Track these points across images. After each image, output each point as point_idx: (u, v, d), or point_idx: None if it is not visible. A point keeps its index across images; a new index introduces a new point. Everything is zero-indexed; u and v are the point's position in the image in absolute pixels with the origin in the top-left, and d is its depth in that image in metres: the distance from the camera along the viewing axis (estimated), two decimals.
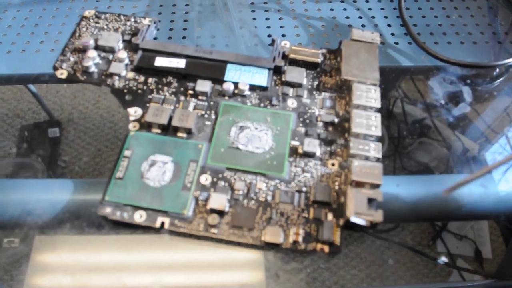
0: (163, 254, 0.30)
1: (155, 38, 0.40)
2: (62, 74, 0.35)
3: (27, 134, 0.37)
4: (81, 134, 0.37)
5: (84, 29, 0.37)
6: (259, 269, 0.29)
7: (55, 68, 0.35)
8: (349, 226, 0.29)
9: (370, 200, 0.29)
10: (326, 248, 0.29)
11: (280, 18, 0.43)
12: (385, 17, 0.44)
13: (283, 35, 0.42)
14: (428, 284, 0.31)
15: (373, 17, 0.44)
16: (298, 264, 0.29)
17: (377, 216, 0.28)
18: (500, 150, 0.37)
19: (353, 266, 0.30)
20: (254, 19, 0.43)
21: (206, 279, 0.29)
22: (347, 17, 0.44)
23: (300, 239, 0.29)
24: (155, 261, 0.30)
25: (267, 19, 0.43)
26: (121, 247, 0.30)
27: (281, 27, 0.42)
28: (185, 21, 0.43)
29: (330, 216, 0.29)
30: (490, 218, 0.35)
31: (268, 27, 0.42)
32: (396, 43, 0.41)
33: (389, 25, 0.43)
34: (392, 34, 0.42)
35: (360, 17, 0.44)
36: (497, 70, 0.40)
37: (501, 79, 0.40)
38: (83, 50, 0.36)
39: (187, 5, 0.44)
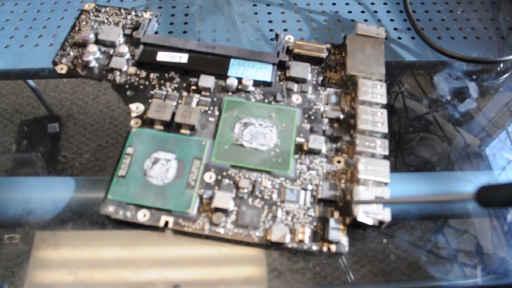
0: (166, 250, 0.30)
1: (155, 33, 0.39)
2: (62, 69, 0.34)
3: (27, 129, 0.36)
4: (81, 129, 0.36)
5: (84, 23, 0.37)
6: (260, 266, 0.29)
7: (55, 63, 0.34)
8: (356, 225, 0.29)
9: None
10: (333, 248, 0.28)
11: (282, 13, 0.43)
12: (388, 11, 0.43)
13: (285, 30, 0.41)
14: (429, 279, 0.31)
15: (375, 12, 0.43)
16: (300, 260, 0.29)
17: (385, 215, 0.28)
18: (500, 145, 0.37)
19: (355, 262, 0.30)
20: (256, 13, 0.43)
21: (208, 275, 0.29)
22: (350, 12, 0.43)
23: (306, 238, 0.28)
24: (158, 256, 0.29)
25: (269, 13, 0.43)
26: (123, 243, 0.30)
27: (283, 21, 0.42)
28: (186, 15, 0.42)
29: (336, 215, 0.29)
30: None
31: (270, 21, 0.42)
32: (399, 37, 0.41)
33: (391, 20, 0.43)
34: (395, 29, 0.42)
35: (363, 12, 0.43)
36: (501, 65, 0.40)
37: (506, 75, 0.40)
38: (83, 45, 0.35)
39: None
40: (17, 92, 0.39)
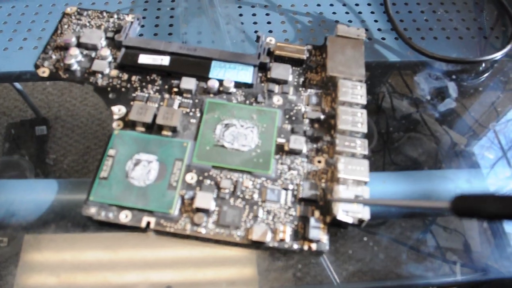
0: (148, 250, 0.30)
1: (140, 35, 0.39)
2: (44, 72, 0.34)
3: (14, 132, 0.36)
4: (68, 131, 0.36)
5: (66, 26, 0.37)
6: (250, 266, 0.29)
7: (37, 67, 0.35)
8: (336, 224, 0.29)
9: (357, 198, 0.29)
10: (314, 246, 0.28)
11: (267, 14, 0.43)
12: (372, 12, 0.44)
13: (270, 31, 0.41)
14: (418, 277, 0.31)
15: (360, 13, 0.44)
16: (290, 260, 0.29)
17: (364, 213, 0.28)
18: (488, 144, 0.37)
19: (344, 261, 0.30)
20: (240, 15, 0.43)
21: (195, 277, 0.29)
22: (334, 13, 0.43)
23: (286, 237, 0.28)
24: (140, 257, 0.29)
25: (254, 14, 0.43)
26: (111, 245, 0.30)
27: (268, 23, 0.42)
28: (171, 17, 0.42)
29: (317, 214, 0.29)
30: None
31: (255, 23, 0.42)
32: (383, 38, 0.41)
33: (376, 21, 0.43)
34: (379, 29, 0.42)
35: (347, 13, 0.44)
36: (483, 65, 0.40)
37: (486, 74, 0.40)
38: (65, 48, 0.35)
39: (172, 0, 0.43)
40: (3, 94, 0.39)
